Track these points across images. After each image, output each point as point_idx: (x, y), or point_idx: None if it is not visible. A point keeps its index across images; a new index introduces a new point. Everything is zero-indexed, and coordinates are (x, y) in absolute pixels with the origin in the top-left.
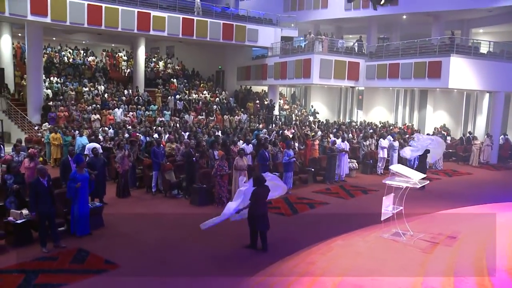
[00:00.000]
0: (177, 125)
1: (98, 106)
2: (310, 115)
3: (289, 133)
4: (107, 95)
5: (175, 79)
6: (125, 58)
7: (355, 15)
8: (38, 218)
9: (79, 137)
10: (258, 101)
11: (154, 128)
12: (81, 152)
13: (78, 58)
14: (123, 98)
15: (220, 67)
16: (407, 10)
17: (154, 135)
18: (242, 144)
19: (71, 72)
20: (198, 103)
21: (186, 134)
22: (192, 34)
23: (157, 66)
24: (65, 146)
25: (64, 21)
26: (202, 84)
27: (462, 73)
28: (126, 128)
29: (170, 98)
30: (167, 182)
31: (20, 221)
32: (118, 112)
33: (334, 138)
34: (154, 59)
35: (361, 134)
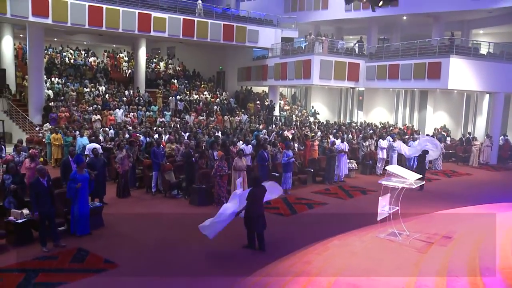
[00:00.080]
0: (177, 125)
1: (99, 106)
2: (310, 116)
3: (289, 133)
4: (108, 96)
5: (175, 80)
6: (126, 59)
7: (355, 16)
8: (38, 217)
9: (80, 137)
10: (258, 101)
11: (154, 128)
12: (81, 152)
13: (79, 59)
14: (124, 99)
15: (220, 67)
16: (407, 11)
17: (154, 136)
18: (241, 145)
19: (72, 72)
20: (199, 103)
21: (186, 134)
22: (192, 35)
23: (158, 67)
24: (65, 146)
25: (65, 22)
26: (202, 85)
27: (461, 74)
28: (127, 128)
29: (171, 98)
30: (166, 182)
31: (20, 220)
32: (119, 113)
33: (334, 139)
34: (155, 60)
35: (360, 134)
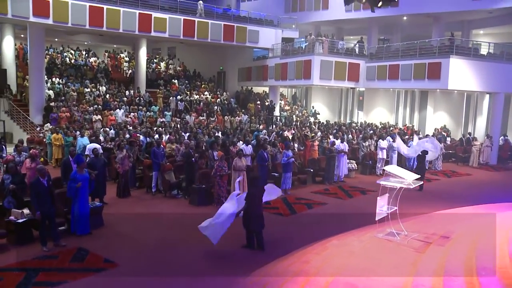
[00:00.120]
0: (177, 126)
1: (100, 107)
2: (311, 116)
3: (289, 134)
4: (108, 96)
5: (176, 80)
6: (126, 59)
7: (355, 16)
8: (40, 217)
9: (80, 137)
10: (259, 102)
11: (155, 129)
12: (81, 152)
13: (80, 59)
14: (125, 99)
15: (221, 68)
16: (407, 12)
17: (155, 136)
18: (241, 145)
19: (73, 73)
20: (199, 104)
21: (186, 135)
22: (193, 35)
23: (158, 67)
24: (66, 146)
25: (66, 22)
26: (203, 85)
27: (461, 74)
28: (127, 129)
29: (172, 99)
30: (166, 182)
31: (21, 220)
32: (119, 113)
33: (333, 139)
34: (156, 60)
35: (360, 135)
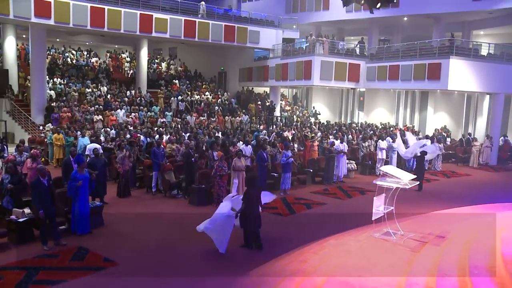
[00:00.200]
0: (178, 126)
1: (101, 107)
2: (311, 116)
3: (289, 134)
4: (109, 96)
5: (177, 80)
6: (128, 59)
7: (356, 17)
8: (43, 216)
9: (81, 137)
10: (260, 102)
11: (155, 129)
12: (82, 152)
13: (82, 60)
14: (126, 99)
15: (222, 68)
16: (408, 12)
17: (155, 136)
18: (241, 145)
19: (74, 73)
20: (200, 104)
21: (186, 135)
22: (194, 36)
23: (159, 67)
24: (67, 146)
25: (67, 23)
26: (204, 85)
27: (461, 75)
28: (128, 129)
29: (173, 99)
30: (166, 182)
31: (22, 219)
32: (120, 113)
33: (333, 140)
34: (157, 60)
35: (360, 135)
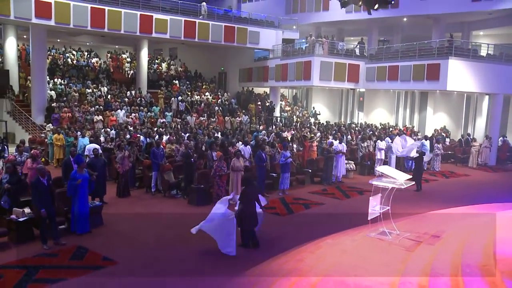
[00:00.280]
0: (177, 126)
1: (101, 107)
2: (311, 117)
3: (288, 134)
4: (110, 97)
5: (177, 81)
6: (128, 59)
7: (356, 18)
8: (40, 216)
9: (81, 138)
10: (259, 102)
11: (155, 129)
12: (81, 153)
13: (82, 60)
14: (126, 100)
15: (222, 68)
16: (407, 13)
17: (155, 136)
18: (240, 146)
19: (75, 73)
20: (200, 104)
21: (186, 135)
22: (194, 36)
23: (160, 68)
24: (67, 146)
25: (67, 24)
26: (204, 86)
27: (460, 75)
28: (128, 129)
29: (173, 99)
30: (166, 182)
31: (22, 219)
32: (120, 114)
33: (331, 140)
34: (157, 61)
35: (359, 135)
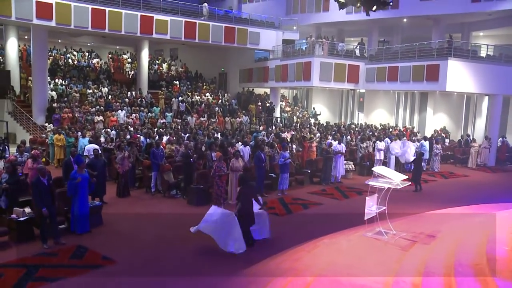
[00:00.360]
0: (178, 127)
1: (102, 108)
2: (311, 117)
3: (288, 135)
4: (110, 97)
5: (178, 81)
6: (129, 60)
7: (356, 18)
8: (40, 215)
9: (82, 138)
10: (260, 103)
11: (156, 130)
12: (81, 153)
13: (83, 60)
14: (126, 100)
15: (222, 69)
16: (407, 14)
17: (156, 137)
18: (240, 146)
19: (75, 74)
20: (201, 105)
21: (186, 136)
22: (194, 37)
23: (160, 68)
24: (68, 147)
25: (68, 24)
26: (205, 86)
27: (459, 76)
28: (128, 129)
29: (174, 100)
30: (165, 182)
31: (22, 218)
32: (121, 114)
33: (330, 140)
34: (158, 61)
35: (359, 136)
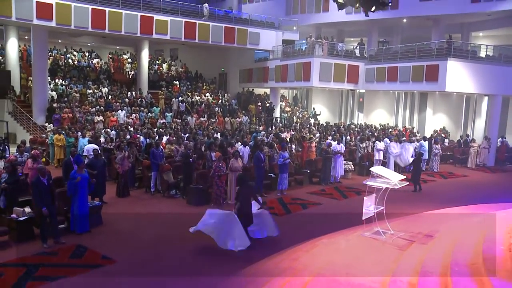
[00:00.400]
0: (177, 127)
1: (102, 108)
2: (311, 117)
3: (288, 135)
4: (110, 97)
5: (178, 81)
6: (129, 60)
7: (356, 19)
8: (40, 215)
9: (82, 138)
10: (260, 103)
11: (156, 130)
12: (80, 153)
13: (83, 61)
14: (126, 100)
15: (222, 69)
16: (407, 14)
17: (155, 137)
18: (239, 146)
19: (75, 74)
20: (201, 105)
21: (186, 136)
22: (194, 37)
23: (160, 68)
24: (68, 147)
25: (68, 25)
26: (205, 86)
27: (459, 76)
28: (128, 130)
29: (174, 100)
30: (165, 182)
31: (22, 218)
32: (121, 114)
33: (330, 141)
34: (158, 62)
35: (358, 136)
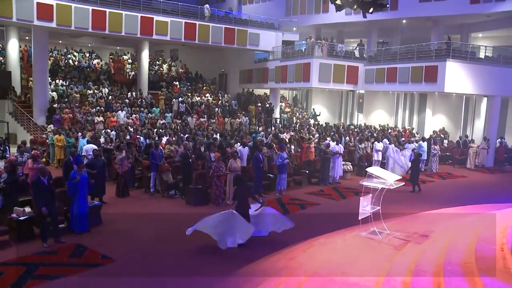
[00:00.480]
0: (177, 127)
1: (102, 108)
2: (311, 118)
3: (287, 135)
4: (111, 98)
5: (178, 82)
6: (130, 61)
7: (355, 20)
8: (40, 214)
9: (82, 139)
10: (259, 104)
11: (155, 130)
12: (80, 153)
13: (84, 61)
14: (127, 101)
15: (223, 70)
16: (406, 15)
17: (155, 138)
18: (238, 147)
19: (76, 75)
20: (201, 106)
21: (185, 136)
22: (194, 38)
23: (161, 69)
24: (68, 147)
25: (69, 25)
26: (205, 87)
27: (458, 77)
28: (128, 130)
29: (174, 101)
30: (164, 182)
31: (22, 218)
32: (121, 115)
33: (328, 141)
34: (158, 62)
35: (357, 137)
